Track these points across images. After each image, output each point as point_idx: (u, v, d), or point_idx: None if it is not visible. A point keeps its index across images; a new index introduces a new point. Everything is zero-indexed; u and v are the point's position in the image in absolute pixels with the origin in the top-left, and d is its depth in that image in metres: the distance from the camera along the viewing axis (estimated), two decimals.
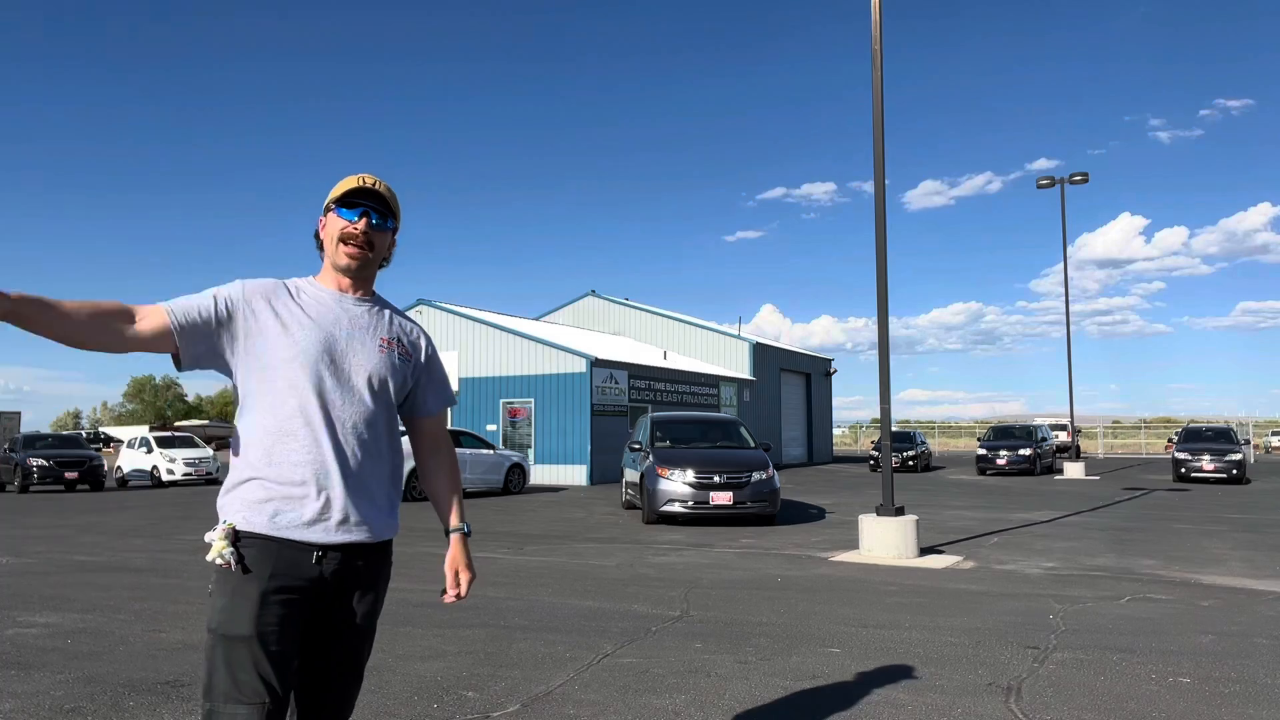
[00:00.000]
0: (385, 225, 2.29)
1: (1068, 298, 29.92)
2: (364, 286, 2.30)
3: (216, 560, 2.07)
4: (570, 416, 25.88)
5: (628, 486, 15.78)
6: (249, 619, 2.03)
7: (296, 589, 2.09)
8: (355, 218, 2.23)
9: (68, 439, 26.41)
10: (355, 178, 2.29)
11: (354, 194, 2.25)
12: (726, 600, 7.17)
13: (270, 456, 2.11)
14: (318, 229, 2.32)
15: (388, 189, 2.31)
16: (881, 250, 10.83)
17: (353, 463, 2.15)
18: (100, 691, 4.49)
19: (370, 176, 2.30)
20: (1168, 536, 11.79)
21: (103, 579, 8.32)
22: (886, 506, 10.05)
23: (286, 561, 2.08)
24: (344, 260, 2.23)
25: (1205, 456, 23.80)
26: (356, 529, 2.14)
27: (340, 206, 2.25)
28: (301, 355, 2.14)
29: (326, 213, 2.29)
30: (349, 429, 2.15)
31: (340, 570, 2.14)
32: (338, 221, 2.25)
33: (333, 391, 2.15)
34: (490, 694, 4.47)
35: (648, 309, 39.62)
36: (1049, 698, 4.46)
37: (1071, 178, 29.02)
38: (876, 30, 10.84)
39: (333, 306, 2.24)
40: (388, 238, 2.31)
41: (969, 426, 69.25)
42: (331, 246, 2.26)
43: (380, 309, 2.34)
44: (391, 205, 2.30)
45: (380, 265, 2.33)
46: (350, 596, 2.19)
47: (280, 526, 2.08)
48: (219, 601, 2.07)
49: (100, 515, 15.55)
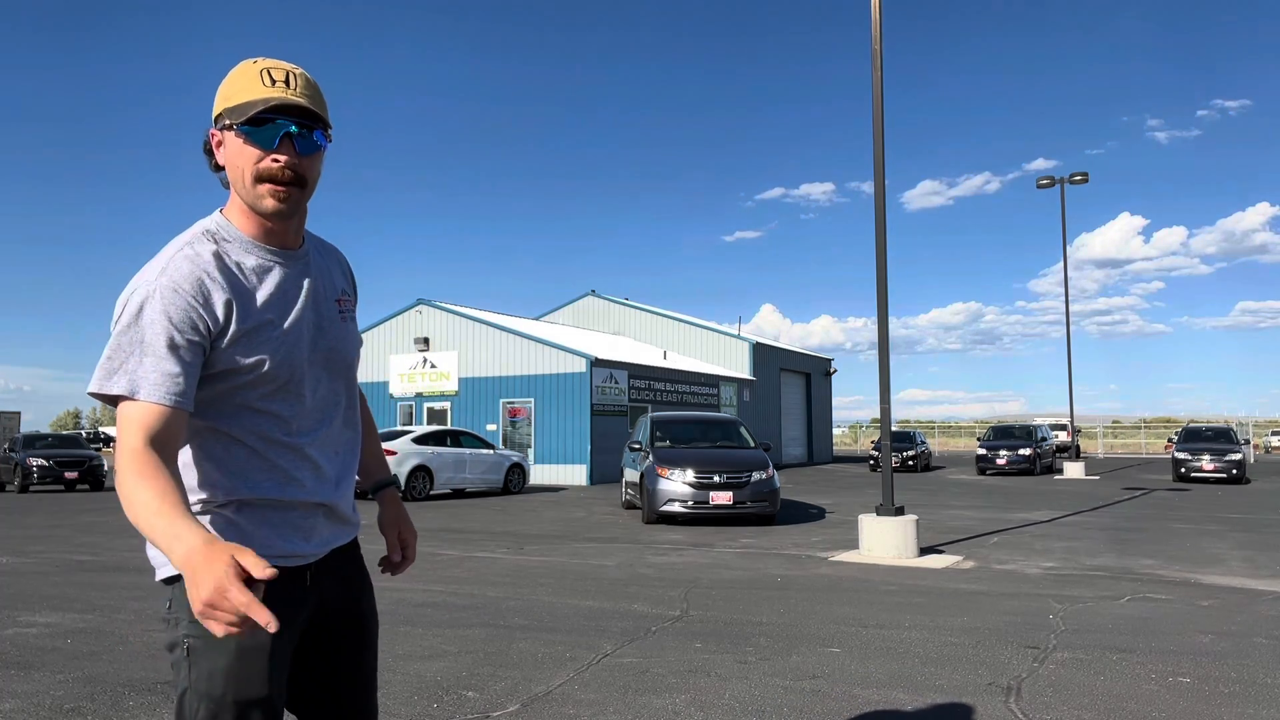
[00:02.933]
0: (315, 143, 1.66)
1: (1068, 298, 29.91)
2: (297, 225, 1.75)
3: None
4: (570, 416, 25.87)
5: (628, 486, 15.78)
6: (264, 678, 1.63)
7: (295, 619, 1.73)
8: (274, 144, 1.61)
9: (68, 439, 26.37)
10: (257, 70, 1.63)
11: (268, 110, 1.60)
12: (726, 600, 7.17)
13: (243, 469, 1.70)
14: (208, 142, 1.69)
15: (309, 83, 1.67)
16: (881, 250, 10.83)
17: (340, 465, 1.83)
18: (100, 691, 4.49)
19: (280, 67, 1.65)
20: (1167, 536, 11.79)
21: (103, 579, 8.32)
22: (886, 506, 10.05)
23: (285, 589, 1.69)
24: (269, 205, 1.64)
25: (1205, 456, 23.78)
26: (335, 533, 1.84)
27: (247, 126, 1.61)
28: (281, 358, 1.68)
29: (223, 128, 1.64)
30: (334, 426, 1.81)
31: (327, 580, 1.83)
32: (247, 150, 1.62)
33: (309, 381, 1.74)
34: (490, 694, 4.47)
35: (648, 309, 39.61)
36: (1049, 698, 4.46)
37: (1071, 178, 29.00)
38: (876, 30, 10.84)
39: (282, 272, 1.72)
40: (322, 157, 1.70)
41: (969, 426, 69.23)
42: (244, 184, 1.64)
43: (319, 257, 1.84)
44: (319, 111, 1.66)
45: (312, 193, 1.76)
46: (343, 604, 1.87)
47: (271, 549, 1.70)
48: (216, 661, 1.61)
49: (100, 515, 15.54)
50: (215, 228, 1.70)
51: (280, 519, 1.71)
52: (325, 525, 1.80)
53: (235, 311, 1.63)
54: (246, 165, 1.62)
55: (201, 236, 1.67)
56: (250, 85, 1.62)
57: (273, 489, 1.69)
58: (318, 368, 1.75)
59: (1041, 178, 29.56)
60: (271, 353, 1.67)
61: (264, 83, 1.62)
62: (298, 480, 1.72)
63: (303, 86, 1.65)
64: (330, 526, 1.82)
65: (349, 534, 1.89)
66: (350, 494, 1.86)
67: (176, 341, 1.55)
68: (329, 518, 1.81)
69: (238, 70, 1.65)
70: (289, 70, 1.65)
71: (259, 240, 1.71)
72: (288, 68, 1.66)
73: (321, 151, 1.69)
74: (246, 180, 1.64)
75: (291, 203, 1.66)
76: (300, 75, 1.66)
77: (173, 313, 1.56)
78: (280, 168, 1.62)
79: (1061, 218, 29.27)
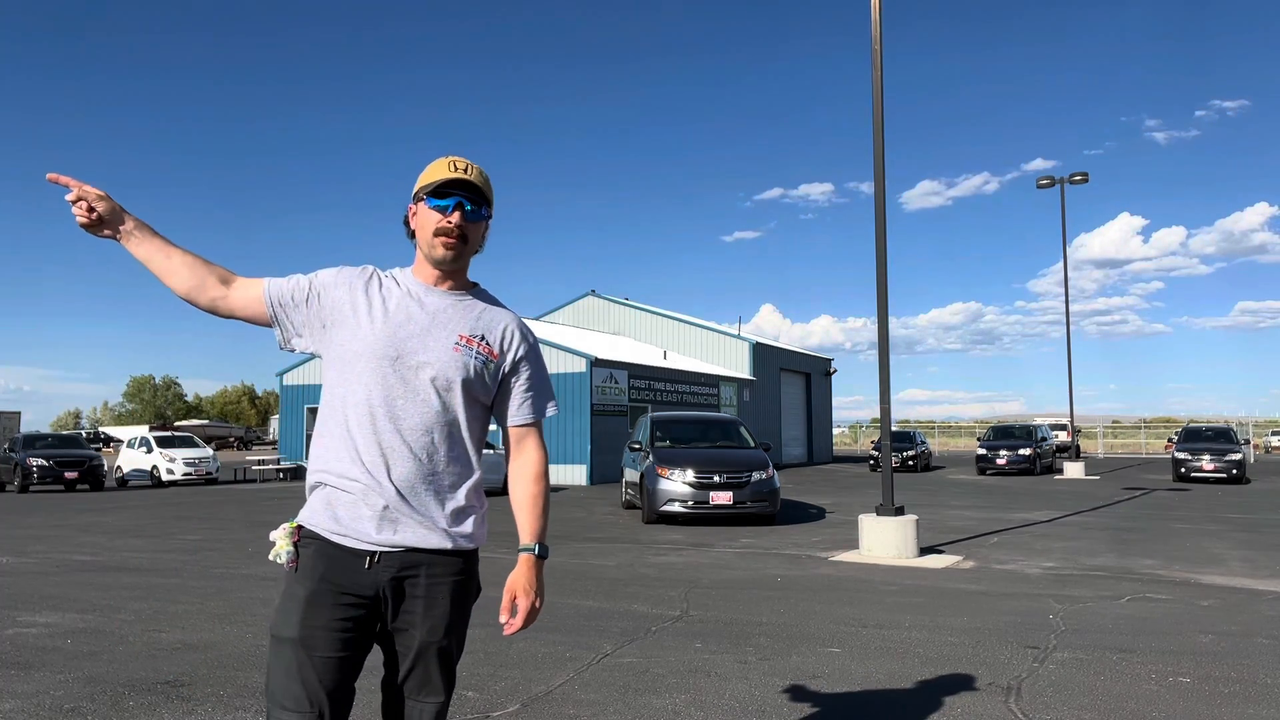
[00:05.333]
0: (480, 215, 2.17)
1: (1068, 298, 29.92)
2: (457, 278, 2.20)
3: (274, 559, 2.07)
4: (570, 416, 25.86)
5: (628, 486, 15.78)
6: (295, 622, 2.01)
7: (348, 593, 2.03)
8: (449, 209, 2.12)
9: (68, 439, 26.41)
10: (446, 162, 2.17)
11: (447, 185, 2.12)
12: (726, 600, 7.17)
13: (334, 454, 2.08)
14: (407, 216, 2.22)
15: (481, 174, 2.18)
16: (881, 250, 10.83)
17: (413, 466, 2.06)
18: (100, 691, 4.49)
19: (462, 160, 2.17)
20: (1168, 536, 11.79)
21: (103, 579, 8.32)
22: (886, 506, 10.05)
23: (340, 565, 2.03)
24: (439, 253, 2.13)
25: (1205, 456, 23.78)
26: (408, 534, 2.05)
27: (431, 197, 2.13)
28: (369, 350, 2.08)
29: (416, 201, 2.17)
30: (411, 431, 2.07)
31: (397, 578, 2.05)
32: (430, 214, 2.14)
33: (395, 390, 2.07)
34: (490, 694, 4.47)
35: (648, 309, 39.61)
36: (1049, 697, 4.46)
37: (1071, 178, 28.99)
38: (876, 30, 10.84)
39: (416, 300, 2.15)
40: (482, 227, 2.20)
41: (969, 426, 69.25)
42: (425, 239, 2.15)
43: (471, 302, 2.22)
44: (485, 193, 2.17)
45: (474, 253, 2.23)
46: (410, 608, 2.07)
47: (336, 527, 2.04)
48: (277, 601, 2.07)
49: (100, 515, 15.55)
50: (395, 270, 2.24)
51: (346, 501, 2.05)
52: (404, 522, 2.05)
53: (359, 301, 2.14)
54: (427, 223, 2.14)
55: (390, 270, 2.24)
56: (439, 170, 2.15)
57: (347, 466, 2.05)
58: (403, 373, 2.08)
59: (1042, 178, 29.57)
60: (365, 342, 2.09)
61: (449, 169, 2.14)
62: (368, 467, 2.04)
63: (476, 174, 2.16)
64: (411, 528, 2.06)
65: (416, 541, 2.06)
66: (436, 509, 2.09)
67: (303, 281, 2.18)
68: (398, 514, 2.04)
69: (434, 163, 2.18)
70: (468, 163, 2.17)
71: (419, 280, 2.20)
72: (467, 162, 2.17)
73: (484, 223, 2.19)
74: (427, 234, 2.14)
75: (455, 252, 2.14)
76: (476, 168, 2.18)
77: (318, 274, 2.20)
78: (452, 226, 2.12)
79: (1061, 218, 29.29)
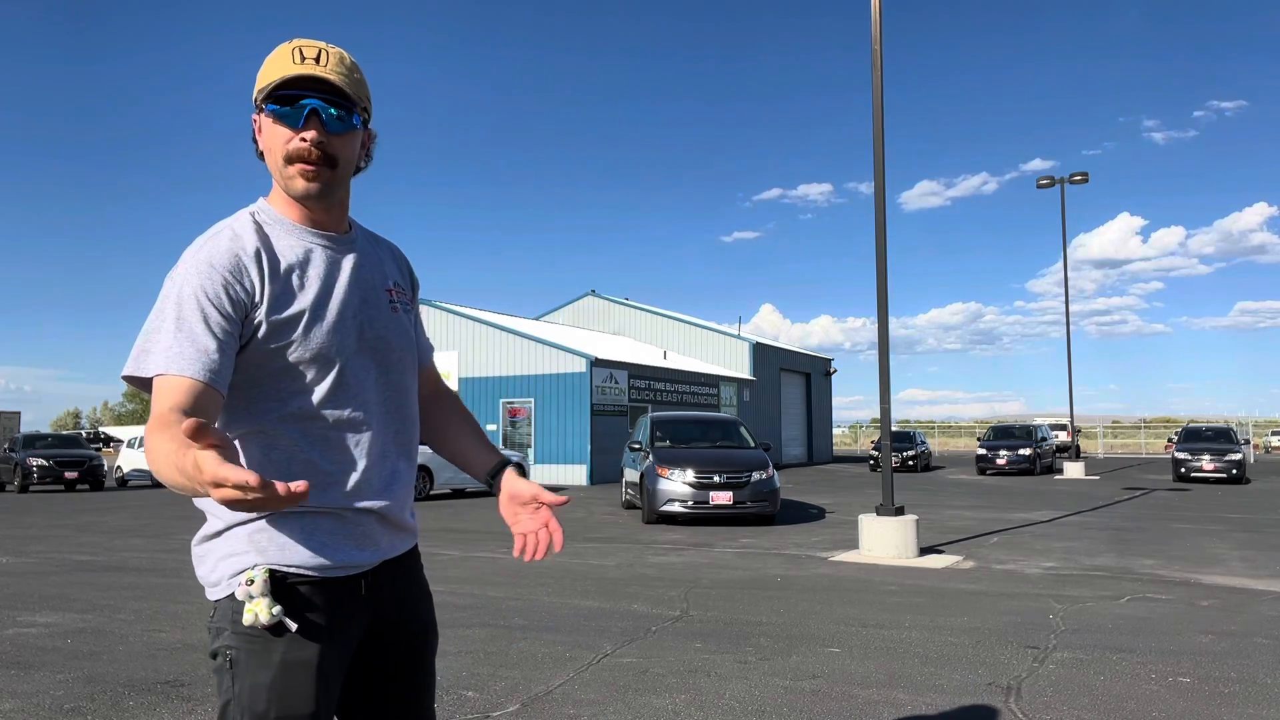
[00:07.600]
0: (348, 123, 1.58)
1: (1068, 298, 29.91)
2: (338, 210, 1.67)
3: (260, 623, 1.50)
4: (570, 416, 25.87)
5: (628, 486, 15.78)
6: (310, 694, 1.53)
7: (347, 633, 1.63)
8: (299, 124, 1.54)
9: (68, 439, 26.38)
10: (290, 49, 1.55)
11: (292, 83, 1.53)
12: (726, 600, 7.17)
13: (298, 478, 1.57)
14: (254, 131, 1.62)
15: (342, 62, 1.58)
16: (881, 250, 10.83)
17: (391, 468, 1.69)
18: (100, 691, 4.49)
19: (313, 45, 1.57)
20: (1167, 536, 11.78)
21: (103, 579, 8.32)
22: (886, 506, 10.04)
23: (336, 601, 1.60)
24: (299, 186, 1.57)
25: (1205, 456, 23.77)
26: (401, 538, 1.74)
27: (273, 103, 1.54)
28: (319, 344, 1.58)
29: (259, 110, 1.58)
30: (383, 424, 1.67)
31: (384, 585, 1.71)
32: (277, 131, 1.55)
33: (361, 380, 1.64)
34: (490, 694, 4.47)
35: (648, 309, 39.62)
36: (1049, 697, 4.46)
37: (1071, 178, 29.01)
38: (876, 30, 10.83)
39: (321, 257, 1.63)
40: (356, 138, 1.62)
41: (969, 426, 69.22)
42: (277, 165, 1.58)
43: (368, 247, 1.75)
44: (351, 90, 1.58)
45: (356, 171, 1.67)
46: (399, 608, 1.76)
47: (326, 558, 1.59)
48: (260, 676, 1.51)
49: (100, 515, 15.55)
50: (258, 211, 1.64)
51: (330, 526, 1.59)
52: (380, 532, 1.67)
53: (271, 292, 1.54)
54: (278, 146, 1.56)
55: (243, 218, 1.61)
56: (281, 64, 1.54)
57: (316, 493, 1.57)
58: (364, 358, 1.64)
59: (1042, 178, 29.58)
60: (309, 338, 1.56)
61: (294, 60, 1.54)
62: (342, 482, 1.60)
63: (335, 64, 1.57)
64: (386, 534, 1.69)
65: (407, 542, 1.76)
66: (407, 499, 1.74)
67: (210, 318, 1.47)
68: (383, 524, 1.67)
69: (274, 51, 1.58)
70: (321, 48, 1.57)
71: (300, 224, 1.63)
72: (321, 45, 1.57)
73: (356, 133, 1.61)
74: (279, 162, 1.57)
75: (322, 183, 1.58)
76: (334, 53, 1.58)
77: (207, 288, 1.48)
78: (307, 146, 1.54)
79: (1061, 218, 29.30)
